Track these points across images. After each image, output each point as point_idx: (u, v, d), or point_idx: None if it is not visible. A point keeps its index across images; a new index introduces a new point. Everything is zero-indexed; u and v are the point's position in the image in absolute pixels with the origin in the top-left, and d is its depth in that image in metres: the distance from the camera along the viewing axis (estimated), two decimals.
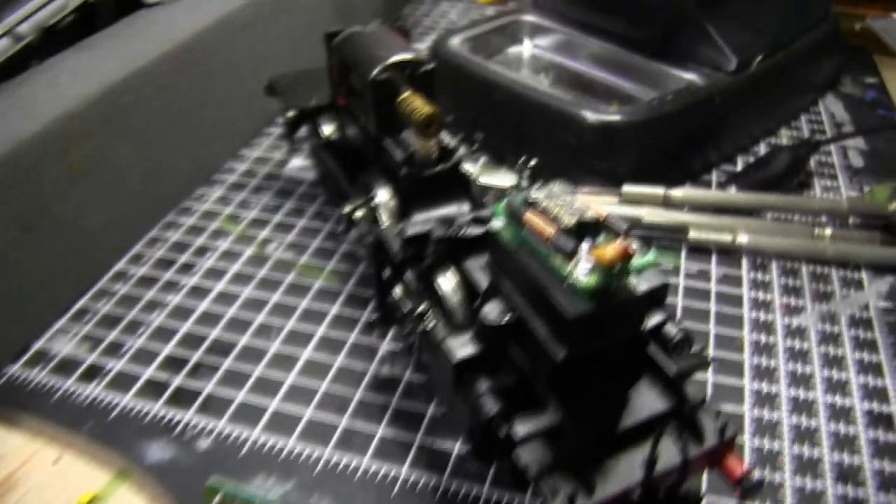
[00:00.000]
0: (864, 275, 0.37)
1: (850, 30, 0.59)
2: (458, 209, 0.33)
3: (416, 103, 0.32)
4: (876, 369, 0.32)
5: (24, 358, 0.35)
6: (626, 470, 0.23)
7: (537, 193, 0.24)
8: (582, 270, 0.21)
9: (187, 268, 0.40)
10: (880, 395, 0.31)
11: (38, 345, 0.35)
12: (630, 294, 0.22)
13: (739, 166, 0.46)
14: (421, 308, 0.28)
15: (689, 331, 0.25)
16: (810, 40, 0.49)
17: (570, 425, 0.23)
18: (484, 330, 0.24)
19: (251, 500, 0.28)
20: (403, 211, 0.33)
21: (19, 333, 0.35)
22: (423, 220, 0.28)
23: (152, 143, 0.40)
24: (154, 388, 0.33)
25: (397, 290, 0.30)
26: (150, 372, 0.34)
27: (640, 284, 0.23)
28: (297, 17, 0.50)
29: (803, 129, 0.50)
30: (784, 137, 0.49)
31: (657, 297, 0.26)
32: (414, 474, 0.29)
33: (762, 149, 0.48)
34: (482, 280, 0.27)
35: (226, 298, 0.37)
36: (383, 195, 0.33)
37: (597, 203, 0.23)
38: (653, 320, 0.25)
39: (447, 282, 0.28)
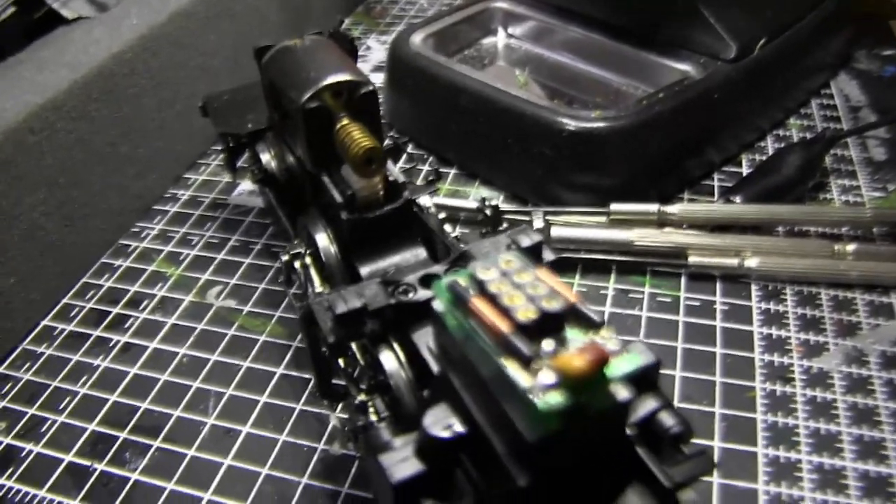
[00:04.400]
0: (893, 299, 0.32)
1: None
2: (412, 255, 0.28)
3: (354, 135, 0.26)
4: None
5: None
6: None
7: (486, 272, 0.18)
8: (543, 385, 0.16)
9: (120, 321, 0.35)
10: None
11: None
12: (610, 402, 0.17)
13: (744, 167, 0.41)
14: (359, 399, 0.23)
15: (688, 422, 0.20)
16: (817, 17, 0.43)
17: None
18: (427, 444, 0.19)
19: None
20: (347, 260, 0.28)
21: None
22: (356, 291, 0.23)
23: (72, 184, 0.35)
24: (74, 478, 0.28)
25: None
26: (70, 457, 0.29)
27: (621, 390, 0.18)
28: (239, 21, 0.45)
29: (815, 117, 0.44)
30: (794, 128, 0.43)
31: (648, 380, 0.21)
32: None
33: (769, 143, 0.42)
34: (432, 361, 0.22)
35: (159, 360, 0.33)
36: (323, 242, 0.28)
37: (564, 286, 0.18)
38: (643, 409, 0.21)
39: (390, 360, 0.23)
